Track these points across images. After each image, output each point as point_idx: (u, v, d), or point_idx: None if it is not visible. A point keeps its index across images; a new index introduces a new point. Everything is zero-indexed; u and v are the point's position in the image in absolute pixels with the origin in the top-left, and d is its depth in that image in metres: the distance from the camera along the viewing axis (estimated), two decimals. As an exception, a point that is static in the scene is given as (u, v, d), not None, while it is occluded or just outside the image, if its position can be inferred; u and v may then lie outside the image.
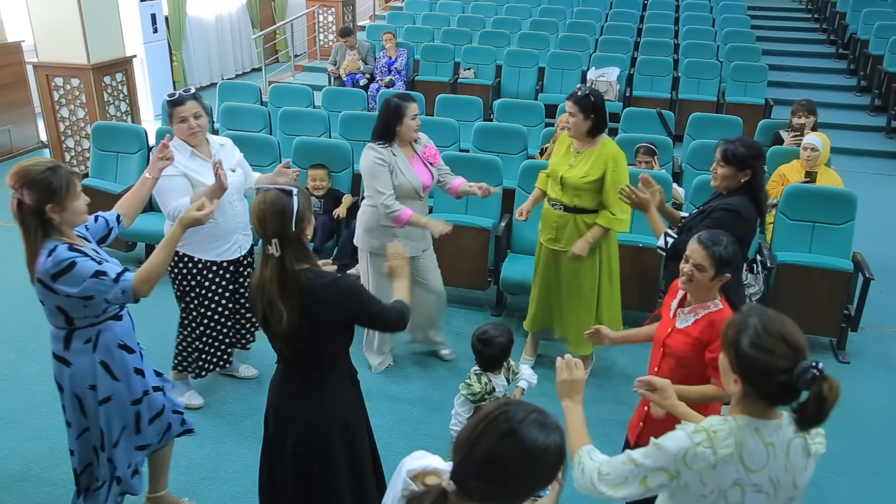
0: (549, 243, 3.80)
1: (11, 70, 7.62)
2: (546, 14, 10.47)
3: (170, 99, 3.26)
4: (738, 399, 1.64)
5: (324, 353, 2.25)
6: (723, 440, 1.58)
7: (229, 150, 3.50)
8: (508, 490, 1.37)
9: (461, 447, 1.38)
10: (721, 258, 2.30)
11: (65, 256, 2.27)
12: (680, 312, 2.46)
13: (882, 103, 8.99)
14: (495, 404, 1.43)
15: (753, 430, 1.60)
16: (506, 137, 5.59)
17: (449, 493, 1.38)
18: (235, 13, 11.80)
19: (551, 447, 1.36)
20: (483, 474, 1.35)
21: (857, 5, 10.46)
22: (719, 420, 1.63)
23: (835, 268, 4.28)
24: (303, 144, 5.20)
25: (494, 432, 1.35)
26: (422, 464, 1.57)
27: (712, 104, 8.02)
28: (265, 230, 2.12)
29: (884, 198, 6.93)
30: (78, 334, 2.44)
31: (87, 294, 2.29)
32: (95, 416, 2.54)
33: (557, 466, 1.39)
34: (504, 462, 1.34)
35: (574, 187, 3.61)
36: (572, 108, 3.53)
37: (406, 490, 1.54)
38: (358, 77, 8.24)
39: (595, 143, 3.62)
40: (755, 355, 1.55)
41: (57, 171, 2.28)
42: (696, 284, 2.36)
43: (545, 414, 1.41)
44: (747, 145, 2.92)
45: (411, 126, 3.64)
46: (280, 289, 2.12)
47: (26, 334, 4.38)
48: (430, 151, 3.81)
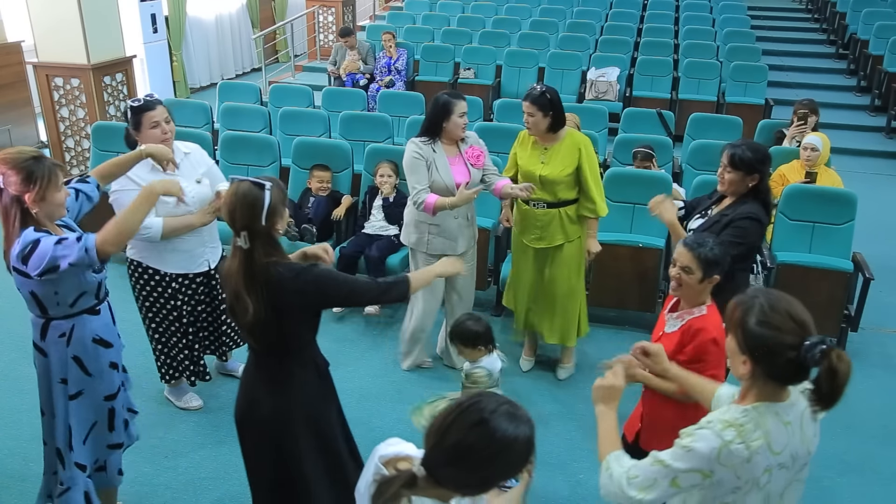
0: (534, 243, 3.79)
1: (11, 70, 7.62)
2: (546, 14, 10.47)
3: (138, 105, 3.12)
4: (750, 382, 1.63)
5: (290, 345, 2.27)
6: (752, 432, 1.58)
7: (196, 158, 3.34)
8: (476, 478, 1.42)
9: (433, 435, 1.42)
10: (707, 259, 2.32)
11: (30, 238, 2.27)
12: (669, 317, 2.49)
13: (882, 103, 8.99)
14: (468, 394, 1.47)
15: (774, 415, 1.61)
16: (506, 137, 5.55)
17: (418, 478, 1.42)
18: (235, 13, 11.80)
19: (520, 438, 1.40)
20: (453, 462, 1.39)
21: (857, 5, 10.46)
22: (739, 412, 1.61)
23: (835, 268, 4.28)
24: (303, 144, 5.20)
25: (465, 422, 1.39)
26: (395, 450, 1.61)
27: (712, 104, 8.02)
28: (234, 222, 2.12)
29: (884, 198, 6.93)
30: (54, 326, 2.45)
31: (53, 264, 2.24)
32: (64, 412, 2.52)
33: (526, 457, 1.43)
34: (473, 451, 1.38)
35: (554, 182, 3.63)
36: (530, 107, 3.54)
37: (378, 474, 1.56)
38: (358, 77, 8.24)
39: (559, 136, 3.65)
40: (763, 332, 1.56)
41: (40, 161, 2.29)
42: (686, 288, 2.38)
43: (516, 406, 1.44)
44: (754, 149, 2.92)
45: (458, 124, 3.60)
46: (246, 281, 2.12)
47: (26, 334, 4.32)
48: (474, 152, 3.72)
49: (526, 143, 3.78)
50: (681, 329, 2.40)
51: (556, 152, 3.64)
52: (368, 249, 4.53)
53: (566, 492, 3.25)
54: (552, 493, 3.24)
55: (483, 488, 1.47)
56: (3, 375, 3.97)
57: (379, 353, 4.31)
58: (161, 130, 3.15)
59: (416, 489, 1.43)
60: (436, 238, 3.74)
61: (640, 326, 4.62)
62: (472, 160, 3.70)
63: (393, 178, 4.65)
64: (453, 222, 3.72)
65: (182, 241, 3.25)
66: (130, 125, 3.17)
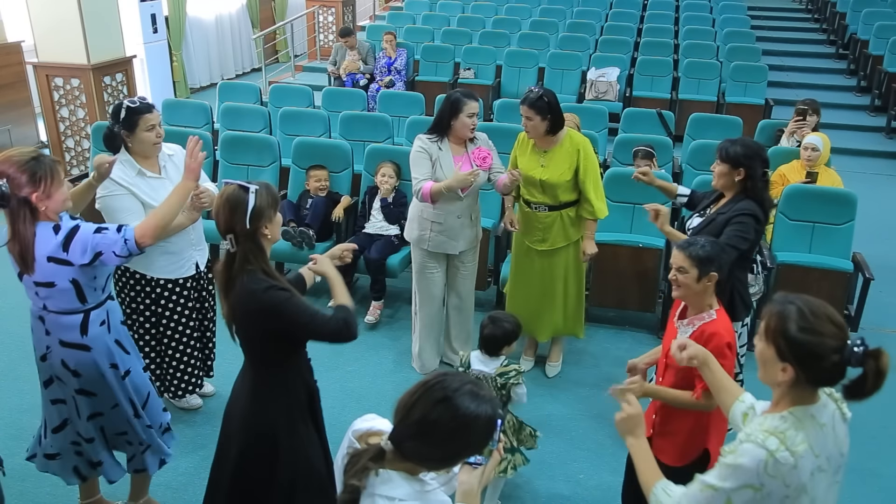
0: (537, 245, 3.79)
1: (11, 70, 7.62)
2: (546, 14, 10.47)
3: (135, 105, 3.11)
4: (788, 388, 1.61)
5: (259, 356, 2.26)
6: (794, 438, 1.56)
7: (179, 159, 3.28)
8: (439, 452, 1.50)
9: (400, 411, 1.51)
10: (699, 257, 2.33)
11: (70, 224, 2.39)
12: (679, 325, 2.48)
13: (882, 103, 9.00)
14: (433, 374, 1.54)
15: (810, 418, 1.60)
16: (506, 137, 5.54)
17: (386, 452, 1.51)
18: (235, 13, 11.80)
19: (482, 416, 1.48)
20: (417, 436, 1.48)
21: (857, 5, 10.47)
22: (778, 419, 1.59)
23: (835, 268, 4.28)
24: (303, 144, 5.19)
25: (430, 398, 1.48)
26: (368, 425, 1.68)
27: (712, 104, 8.02)
28: (219, 224, 2.16)
29: (884, 198, 6.93)
30: (94, 316, 2.52)
31: (96, 251, 2.36)
32: (124, 391, 2.62)
33: (488, 434, 1.51)
34: (436, 426, 1.47)
35: (555, 186, 3.62)
36: (528, 111, 3.52)
37: (350, 448, 1.64)
38: (358, 77, 8.24)
39: (558, 139, 3.64)
40: (807, 339, 1.55)
41: (40, 160, 2.33)
42: (685, 289, 2.38)
43: (480, 386, 1.52)
44: (744, 145, 2.96)
45: (466, 124, 3.59)
46: (226, 284, 2.16)
47: (26, 334, 4.32)
48: (481, 154, 3.69)
49: (525, 146, 3.77)
50: (693, 335, 2.38)
51: (556, 155, 3.64)
52: (368, 250, 4.53)
53: (566, 492, 3.25)
54: (552, 493, 3.24)
55: (446, 463, 1.55)
56: (3, 375, 3.97)
57: (379, 353, 4.31)
58: (156, 133, 3.15)
59: (383, 462, 1.51)
60: (437, 236, 3.74)
61: (640, 326, 4.62)
62: (477, 161, 3.67)
63: (394, 180, 4.65)
64: (456, 221, 3.71)
65: (170, 243, 3.22)
66: (123, 126, 3.12)
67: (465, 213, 3.73)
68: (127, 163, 3.14)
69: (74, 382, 2.57)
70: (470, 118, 3.59)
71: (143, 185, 3.15)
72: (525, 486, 3.25)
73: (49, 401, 2.66)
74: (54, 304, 2.48)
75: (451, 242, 3.76)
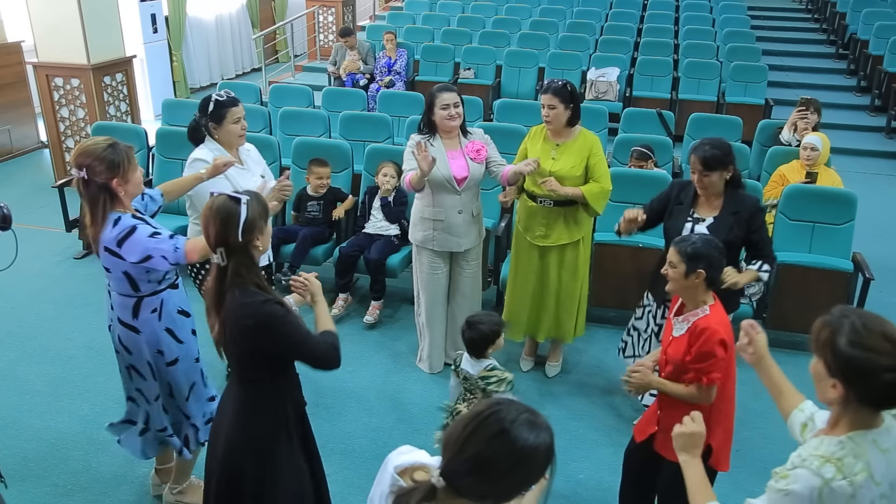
0: (539, 240, 3.79)
1: (11, 70, 7.63)
2: (546, 14, 10.47)
3: (223, 99, 3.26)
4: (842, 408, 1.53)
5: (246, 374, 2.18)
6: (852, 466, 1.48)
7: (255, 156, 3.50)
8: (498, 488, 1.39)
9: (451, 445, 1.39)
10: (688, 253, 2.37)
11: (129, 223, 2.49)
12: (675, 321, 2.51)
13: (882, 103, 8.99)
14: (486, 403, 1.43)
15: (871, 443, 1.51)
16: (506, 137, 5.56)
17: (438, 490, 1.38)
18: (235, 13, 11.80)
19: (541, 447, 1.38)
20: (474, 473, 1.36)
21: (857, 5, 10.46)
22: (835, 444, 1.51)
23: (835, 268, 4.28)
24: (303, 144, 5.20)
25: (486, 432, 1.36)
26: (409, 459, 1.57)
27: (712, 104, 8.02)
28: (209, 238, 2.06)
29: (884, 198, 6.93)
30: (146, 303, 2.63)
31: (146, 254, 2.47)
32: (166, 376, 2.75)
33: (547, 464, 1.41)
34: (495, 461, 1.36)
35: (563, 179, 3.62)
36: (552, 99, 3.54)
37: (395, 486, 1.52)
38: (358, 77, 8.24)
39: (573, 133, 3.66)
40: (855, 354, 1.47)
41: (116, 148, 2.50)
42: (674, 283, 2.43)
43: (536, 414, 1.42)
44: (717, 145, 3.01)
45: (442, 115, 3.61)
46: (216, 299, 2.08)
47: (26, 334, 4.38)
48: (475, 146, 3.71)
49: (537, 137, 3.77)
50: (688, 331, 2.41)
51: (568, 149, 3.65)
52: (368, 250, 4.53)
53: (566, 492, 3.25)
54: (552, 493, 3.23)
55: (504, 498, 1.43)
56: (3, 375, 3.97)
57: (379, 353, 4.31)
58: (241, 126, 3.31)
59: (436, 501, 1.40)
60: (441, 234, 3.75)
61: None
62: (471, 154, 3.70)
63: (395, 179, 4.65)
64: (457, 217, 3.72)
65: None
66: (210, 119, 3.27)
67: (465, 207, 3.74)
68: (217, 150, 3.28)
69: (127, 358, 2.72)
70: (444, 109, 3.60)
71: (233, 172, 3.26)
72: (525, 486, 3.24)
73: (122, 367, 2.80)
74: (114, 286, 2.64)
75: (456, 240, 3.77)
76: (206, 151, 3.25)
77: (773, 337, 4.46)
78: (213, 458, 2.28)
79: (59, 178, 6.10)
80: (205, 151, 3.25)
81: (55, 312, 4.64)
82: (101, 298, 2.62)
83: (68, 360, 4.11)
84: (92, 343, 4.22)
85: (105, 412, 3.62)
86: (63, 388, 3.86)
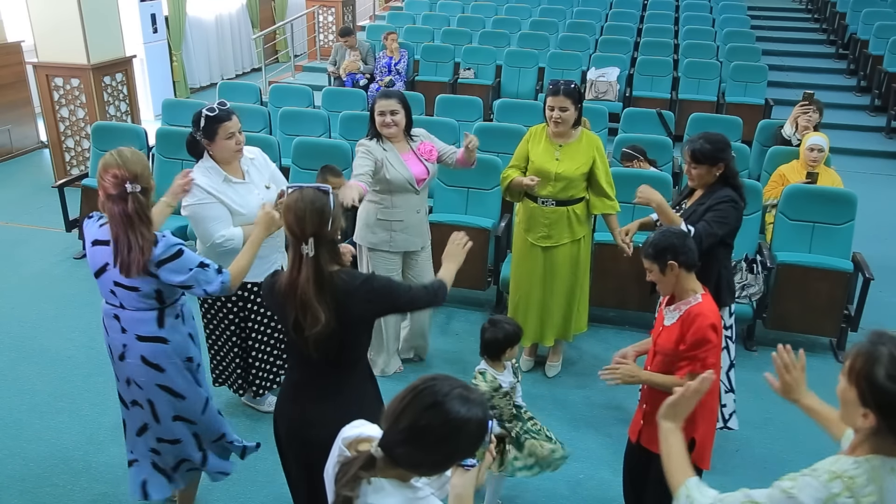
0: (541, 241, 3.79)
1: (11, 70, 7.63)
2: (546, 14, 10.47)
3: (214, 114, 3.06)
4: (868, 435, 1.50)
5: (352, 355, 2.23)
6: (863, 487, 1.44)
7: (261, 163, 3.31)
8: (431, 458, 1.49)
9: (389, 417, 1.48)
10: (651, 254, 2.42)
11: (173, 242, 2.39)
12: (667, 311, 2.52)
13: (882, 103, 8.99)
14: (422, 378, 1.51)
15: (890, 471, 1.46)
16: (506, 137, 5.58)
17: (377, 459, 1.48)
18: (235, 13, 11.81)
19: (473, 419, 1.46)
20: (408, 442, 1.45)
21: (857, 5, 10.46)
22: (851, 463, 1.48)
23: (835, 268, 4.28)
24: (303, 144, 5.20)
25: (419, 404, 1.46)
26: (357, 432, 1.65)
27: (712, 104, 8.02)
28: (303, 229, 2.07)
29: (884, 198, 6.93)
30: (169, 311, 2.53)
31: (189, 283, 2.40)
32: (197, 385, 2.64)
33: (479, 438, 1.49)
34: (427, 432, 1.44)
35: (568, 179, 3.64)
36: (564, 101, 3.56)
37: (341, 455, 1.61)
38: (358, 77, 8.24)
39: (576, 133, 3.69)
40: (894, 388, 1.42)
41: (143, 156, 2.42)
42: (659, 283, 2.47)
43: (470, 390, 1.51)
44: (711, 140, 3.01)
45: (378, 122, 3.61)
46: (316, 290, 2.08)
47: (26, 334, 4.38)
48: (426, 148, 3.75)
49: (538, 139, 3.77)
50: (679, 319, 2.43)
51: (571, 149, 3.67)
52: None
53: (566, 492, 3.25)
54: (552, 493, 3.24)
55: (438, 468, 1.53)
56: (2, 375, 3.97)
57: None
58: (235, 141, 3.12)
59: (374, 470, 1.49)
60: (400, 234, 3.75)
61: (641, 326, 4.62)
62: (425, 156, 3.73)
63: None
64: (415, 217, 3.75)
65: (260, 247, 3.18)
66: (203, 134, 3.09)
67: (422, 206, 3.79)
68: (213, 170, 3.11)
69: (155, 377, 2.53)
70: (380, 116, 3.59)
71: (230, 192, 3.12)
72: (525, 486, 3.25)
73: (130, 402, 2.63)
74: (132, 304, 2.48)
75: (413, 239, 3.79)
76: (200, 174, 3.08)
77: (773, 337, 4.50)
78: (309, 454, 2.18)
79: (59, 179, 6.11)
80: (199, 174, 3.07)
81: (55, 312, 4.64)
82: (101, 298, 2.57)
83: (68, 360, 4.11)
84: (92, 343, 4.22)
85: (105, 412, 3.63)
86: (63, 388, 3.86)
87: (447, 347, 4.36)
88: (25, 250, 5.44)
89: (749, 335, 4.48)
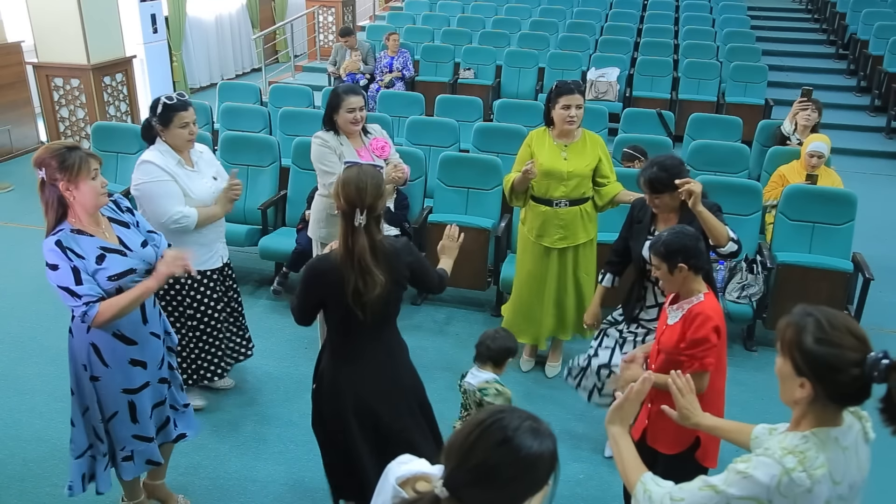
0: (558, 243, 3.80)
1: (11, 70, 7.62)
2: (546, 14, 10.47)
3: (171, 103, 3.20)
4: (808, 406, 1.54)
5: (395, 310, 2.51)
6: (814, 459, 1.49)
7: (208, 158, 3.47)
8: (502, 497, 1.37)
9: (454, 455, 1.36)
10: (663, 253, 2.41)
11: (51, 259, 2.36)
12: (670, 310, 2.53)
13: (882, 103, 8.99)
14: (488, 411, 1.41)
15: (833, 441, 1.52)
16: (506, 138, 5.58)
17: (441, 500, 1.37)
18: (235, 13, 11.81)
19: (545, 454, 1.36)
20: (477, 482, 1.34)
21: (857, 5, 10.47)
22: (800, 438, 1.53)
23: (835, 268, 4.28)
24: (303, 145, 5.19)
25: (489, 441, 1.34)
26: (409, 469, 1.56)
27: (712, 104, 8.02)
28: (362, 200, 2.28)
29: (884, 198, 6.93)
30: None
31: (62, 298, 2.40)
32: (92, 392, 2.61)
33: (550, 472, 1.40)
34: (498, 470, 1.34)
35: (579, 177, 3.70)
36: (580, 100, 3.66)
37: (396, 497, 1.51)
38: (358, 77, 8.24)
39: (578, 133, 3.76)
40: (824, 351, 1.48)
41: (73, 150, 2.37)
42: (665, 282, 2.48)
43: (539, 421, 1.40)
44: (665, 167, 2.83)
45: (347, 118, 3.57)
46: (373, 255, 2.31)
47: (26, 334, 4.38)
48: (379, 143, 3.72)
49: (542, 141, 3.78)
50: (682, 318, 2.43)
51: (577, 148, 3.72)
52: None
53: (566, 492, 3.24)
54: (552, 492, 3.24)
55: None
56: (2, 375, 3.97)
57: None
58: (189, 131, 3.24)
59: None
60: None
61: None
62: (376, 151, 3.71)
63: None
64: None
65: (202, 235, 3.31)
66: (158, 121, 3.22)
67: None
68: (167, 153, 3.23)
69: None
70: (350, 113, 3.56)
71: (182, 175, 3.23)
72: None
73: None
74: None
75: None
76: (156, 154, 3.20)
77: (773, 337, 4.48)
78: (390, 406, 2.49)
79: (59, 179, 6.10)
80: (155, 154, 3.20)
81: (55, 312, 4.64)
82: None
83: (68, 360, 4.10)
84: (92, 343, 4.22)
85: (105, 412, 3.63)
86: (63, 388, 3.84)
87: (447, 348, 4.36)
88: (25, 250, 5.43)
89: (749, 335, 4.48)
